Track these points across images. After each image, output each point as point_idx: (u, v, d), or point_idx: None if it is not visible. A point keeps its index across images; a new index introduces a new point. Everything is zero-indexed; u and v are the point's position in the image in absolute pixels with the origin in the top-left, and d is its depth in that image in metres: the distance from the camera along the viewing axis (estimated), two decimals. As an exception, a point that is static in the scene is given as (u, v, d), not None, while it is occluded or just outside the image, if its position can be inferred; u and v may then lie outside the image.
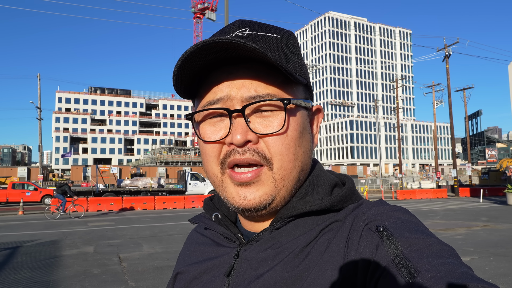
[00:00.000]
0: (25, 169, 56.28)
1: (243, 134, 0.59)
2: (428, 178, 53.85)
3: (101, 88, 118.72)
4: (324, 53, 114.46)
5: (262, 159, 0.60)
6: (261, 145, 0.61)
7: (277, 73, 0.62)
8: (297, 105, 0.63)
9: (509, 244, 9.76)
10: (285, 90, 0.63)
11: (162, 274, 7.25)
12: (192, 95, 0.68)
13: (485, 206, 22.48)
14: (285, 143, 0.61)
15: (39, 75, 37.86)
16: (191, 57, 0.59)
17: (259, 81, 0.61)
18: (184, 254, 0.80)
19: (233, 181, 0.62)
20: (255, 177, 0.60)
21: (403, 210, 0.61)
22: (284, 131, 0.61)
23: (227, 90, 0.61)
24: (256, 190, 0.61)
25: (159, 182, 28.41)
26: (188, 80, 0.64)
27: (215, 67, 0.63)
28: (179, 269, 0.76)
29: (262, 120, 0.61)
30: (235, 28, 0.63)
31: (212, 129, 0.63)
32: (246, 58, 0.60)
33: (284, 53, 0.63)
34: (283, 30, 0.66)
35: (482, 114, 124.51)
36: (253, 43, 0.58)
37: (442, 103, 41.26)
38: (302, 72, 0.65)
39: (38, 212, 21.42)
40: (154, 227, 14.26)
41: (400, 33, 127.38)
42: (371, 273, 0.52)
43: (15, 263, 8.35)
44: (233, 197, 0.62)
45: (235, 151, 0.60)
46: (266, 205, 0.62)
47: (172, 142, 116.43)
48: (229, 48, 0.58)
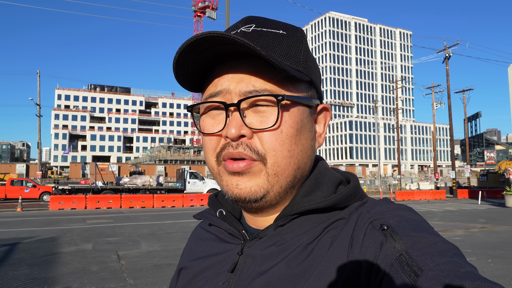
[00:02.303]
0: (23, 166, 56.29)
1: (237, 129, 0.60)
2: (427, 180, 53.89)
3: (100, 86, 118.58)
4: (324, 53, 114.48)
5: (255, 154, 0.60)
6: (254, 141, 0.61)
7: (278, 69, 0.62)
8: (294, 102, 0.63)
9: (507, 246, 9.79)
10: (285, 87, 0.62)
11: (160, 272, 7.27)
12: (199, 88, 0.69)
13: (484, 208, 22.51)
14: (279, 139, 0.61)
15: (39, 71, 37.83)
16: (188, 51, 0.59)
17: (258, 77, 0.61)
18: (188, 250, 0.80)
19: (227, 170, 0.62)
20: (247, 168, 0.61)
21: (407, 208, 0.61)
22: (277, 127, 0.61)
23: (227, 84, 0.62)
24: (248, 180, 0.62)
25: (158, 180, 28.35)
26: (192, 74, 0.65)
27: (220, 62, 0.64)
28: (183, 264, 0.77)
29: (258, 116, 0.61)
30: (241, 24, 0.64)
31: (211, 121, 0.64)
32: (249, 54, 0.60)
33: (287, 49, 0.63)
34: (291, 27, 0.67)
35: (481, 116, 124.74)
36: (253, 39, 0.59)
37: (442, 104, 41.26)
38: (306, 69, 0.65)
39: (36, 209, 21.43)
40: (153, 225, 14.27)
41: (401, 34, 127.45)
42: (375, 271, 0.53)
43: (14, 259, 8.36)
44: (227, 185, 0.63)
45: (229, 145, 0.61)
46: (257, 197, 0.62)
47: (171, 141, 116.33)
48: (226, 43, 0.58)
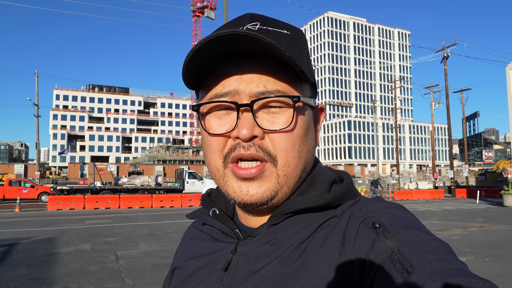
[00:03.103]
0: (22, 166, 56.18)
1: (249, 129, 0.59)
2: (425, 179, 53.94)
3: (99, 86, 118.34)
4: (323, 53, 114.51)
5: (267, 155, 0.60)
6: (266, 142, 0.60)
7: (287, 69, 0.61)
8: (304, 103, 0.63)
9: (505, 245, 9.81)
10: (293, 87, 0.62)
11: (159, 272, 7.26)
12: (197, 86, 0.67)
13: (482, 207, 22.54)
14: (290, 140, 0.61)
15: (37, 72, 37.77)
16: (204, 47, 0.58)
17: (269, 77, 0.60)
18: (182, 249, 0.79)
19: (236, 175, 0.61)
20: (259, 173, 0.60)
21: (399, 206, 0.62)
22: (291, 128, 0.61)
23: (236, 84, 0.60)
24: (259, 185, 0.61)
25: (157, 180, 28.34)
26: (197, 71, 0.63)
27: (224, 60, 0.62)
28: (176, 264, 0.76)
29: (269, 116, 0.61)
30: (246, 22, 0.62)
31: (218, 121, 0.63)
32: (256, 53, 0.60)
33: (295, 50, 0.62)
34: (292, 27, 0.66)
35: (480, 116, 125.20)
36: (268, 38, 0.57)
37: (440, 104, 41.35)
38: (309, 71, 0.65)
39: (35, 209, 21.39)
40: (151, 225, 14.26)
41: (399, 34, 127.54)
42: (367, 269, 0.53)
43: (12, 260, 8.34)
44: (235, 191, 0.62)
45: (240, 146, 0.60)
46: (268, 200, 0.62)
47: (170, 141, 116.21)
48: (242, 41, 0.57)
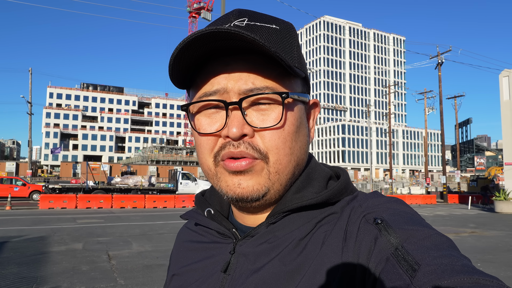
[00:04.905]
0: (13, 164, 55.72)
1: (239, 128, 0.58)
2: (418, 184, 54.27)
3: (93, 85, 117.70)
4: (318, 56, 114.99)
5: (257, 153, 0.59)
6: (256, 139, 0.60)
7: (275, 65, 0.60)
8: (294, 99, 0.62)
9: (496, 250, 9.88)
10: (282, 83, 0.61)
11: (151, 272, 7.22)
12: (187, 85, 0.66)
13: (473, 213, 22.71)
14: (281, 137, 0.60)
15: (31, 69, 37.44)
16: (188, 46, 0.57)
17: (257, 74, 0.59)
18: (177, 253, 0.78)
19: (227, 169, 0.60)
20: (249, 167, 0.59)
21: (399, 201, 0.61)
22: (281, 125, 0.60)
23: (224, 82, 0.60)
24: (249, 178, 0.60)
25: (150, 180, 28.22)
26: (184, 70, 0.62)
27: (212, 57, 0.61)
28: (174, 271, 0.74)
29: (258, 114, 0.60)
30: (233, 18, 0.61)
31: (207, 121, 0.62)
32: (244, 49, 0.59)
33: (283, 45, 0.61)
34: (282, 21, 0.65)
35: (472, 122, 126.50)
36: (253, 34, 0.56)
37: (434, 110, 41.67)
38: (300, 65, 0.64)
39: (26, 208, 21.17)
40: (144, 226, 14.17)
41: (394, 40, 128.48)
42: (371, 266, 0.52)
43: (2, 258, 8.24)
44: (228, 185, 0.61)
45: (230, 144, 0.59)
46: (259, 195, 0.61)
47: (163, 141, 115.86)
48: (228, 39, 0.56)
